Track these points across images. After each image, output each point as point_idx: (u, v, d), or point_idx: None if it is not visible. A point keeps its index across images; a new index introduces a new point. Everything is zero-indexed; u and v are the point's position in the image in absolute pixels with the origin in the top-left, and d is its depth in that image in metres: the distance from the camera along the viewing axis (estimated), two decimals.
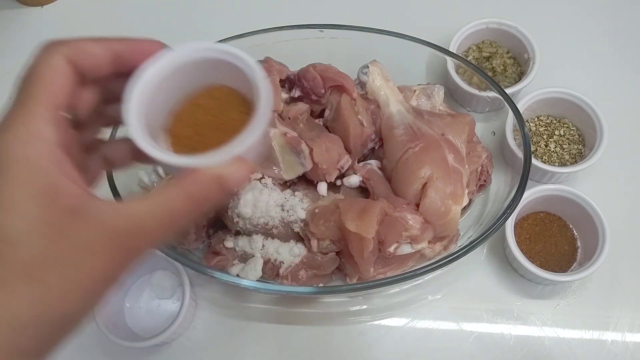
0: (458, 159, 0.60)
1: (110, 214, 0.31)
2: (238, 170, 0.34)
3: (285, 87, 0.67)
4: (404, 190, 0.60)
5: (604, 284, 0.65)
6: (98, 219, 0.30)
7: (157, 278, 0.66)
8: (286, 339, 0.65)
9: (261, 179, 0.61)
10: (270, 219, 0.60)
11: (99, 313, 0.60)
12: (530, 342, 0.63)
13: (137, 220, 0.31)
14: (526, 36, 0.74)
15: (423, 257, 0.61)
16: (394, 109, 0.63)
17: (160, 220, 0.32)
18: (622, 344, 0.63)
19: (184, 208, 0.33)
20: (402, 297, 0.66)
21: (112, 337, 0.59)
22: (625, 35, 0.83)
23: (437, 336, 0.64)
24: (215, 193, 0.33)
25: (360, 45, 0.68)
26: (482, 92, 0.69)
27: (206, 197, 0.33)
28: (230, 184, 0.33)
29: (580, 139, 0.72)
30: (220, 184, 0.33)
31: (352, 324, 0.65)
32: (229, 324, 0.65)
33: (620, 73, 0.79)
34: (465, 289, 0.66)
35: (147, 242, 0.32)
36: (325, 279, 0.62)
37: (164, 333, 0.59)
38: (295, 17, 0.75)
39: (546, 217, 0.68)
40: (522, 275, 0.65)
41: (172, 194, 0.33)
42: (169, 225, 0.33)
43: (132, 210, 0.31)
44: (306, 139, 0.62)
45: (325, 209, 0.59)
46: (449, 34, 0.76)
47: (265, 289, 0.61)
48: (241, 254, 0.61)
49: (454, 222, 0.59)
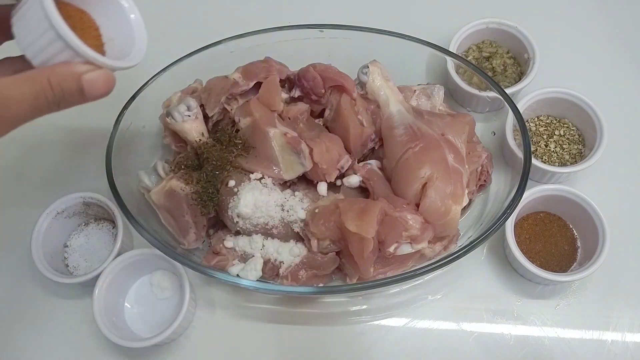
0: (458, 159, 0.60)
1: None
2: (99, 77, 0.40)
3: (285, 87, 0.67)
4: (404, 190, 0.60)
5: (604, 284, 0.65)
6: None
7: (157, 278, 0.66)
8: (286, 339, 0.65)
9: (261, 179, 0.61)
10: (270, 219, 0.60)
11: (99, 313, 0.60)
12: (530, 342, 0.63)
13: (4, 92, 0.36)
14: (526, 36, 0.74)
15: (423, 257, 0.61)
16: (394, 109, 0.63)
17: (21, 94, 0.37)
18: (622, 344, 0.63)
19: (41, 89, 0.38)
20: (402, 297, 0.66)
21: (112, 337, 0.59)
22: (625, 35, 0.83)
23: (437, 336, 0.64)
24: (71, 86, 0.39)
25: (360, 45, 0.68)
26: (482, 92, 0.69)
27: (62, 87, 0.38)
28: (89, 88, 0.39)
29: (580, 139, 0.72)
30: (77, 82, 0.39)
31: (352, 324, 0.65)
32: (229, 324, 0.65)
33: (620, 73, 0.80)
34: (465, 289, 0.66)
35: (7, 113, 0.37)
36: (325, 279, 0.62)
37: (164, 333, 0.59)
38: (295, 17, 0.75)
39: (546, 217, 0.68)
40: (522, 275, 0.65)
41: (33, 74, 0.38)
42: (27, 104, 0.37)
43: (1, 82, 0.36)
44: (306, 139, 0.62)
45: (325, 209, 0.59)
46: (449, 34, 0.76)
47: (265, 289, 0.61)
48: (241, 254, 0.61)
49: (454, 222, 0.59)
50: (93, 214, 0.70)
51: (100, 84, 0.40)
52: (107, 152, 0.61)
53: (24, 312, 0.67)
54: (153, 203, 0.62)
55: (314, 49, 0.68)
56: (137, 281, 0.67)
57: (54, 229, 0.66)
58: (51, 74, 0.38)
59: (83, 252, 0.69)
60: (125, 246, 0.66)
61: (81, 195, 0.66)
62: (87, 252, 0.69)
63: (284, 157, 0.61)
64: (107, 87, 0.41)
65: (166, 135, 0.67)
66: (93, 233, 0.70)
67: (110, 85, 0.41)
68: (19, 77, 0.37)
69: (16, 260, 0.69)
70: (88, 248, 0.69)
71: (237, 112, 0.64)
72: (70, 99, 0.40)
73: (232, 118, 0.65)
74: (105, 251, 0.68)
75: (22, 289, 0.68)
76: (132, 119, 0.65)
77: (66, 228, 0.69)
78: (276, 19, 0.75)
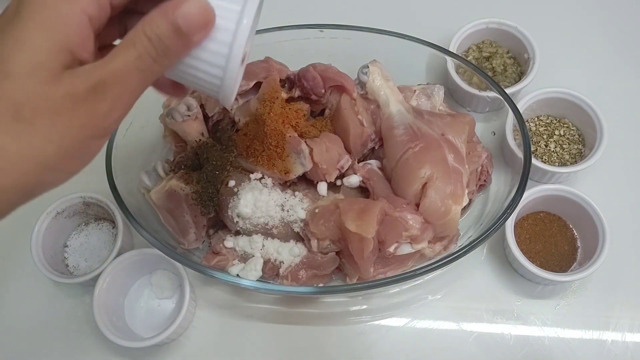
0: (458, 159, 0.60)
1: (91, 67, 0.33)
2: (190, 7, 0.34)
3: (285, 87, 0.67)
4: (404, 190, 0.60)
5: (604, 284, 0.65)
6: (83, 71, 0.32)
7: (157, 278, 0.66)
8: (286, 338, 0.65)
9: (261, 179, 0.61)
10: (270, 219, 0.60)
11: (99, 313, 0.60)
12: (530, 342, 0.63)
13: (109, 66, 0.33)
14: (526, 36, 0.74)
15: (423, 257, 0.61)
16: (394, 109, 0.63)
17: (126, 63, 0.33)
18: (622, 344, 0.63)
19: (143, 49, 0.34)
20: (402, 297, 0.66)
21: (112, 337, 0.59)
22: (625, 35, 0.83)
23: (437, 336, 0.64)
24: (166, 30, 0.34)
25: (360, 45, 0.68)
26: (482, 92, 0.69)
27: (159, 35, 0.34)
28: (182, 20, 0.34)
29: (580, 139, 0.72)
30: (168, 19, 0.34)
31: (352, 324, 0.65)
32: (229, 324, 0.65)
33: (620, 73, 0.80)
34: (465, 289, 0.66)
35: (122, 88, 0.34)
36: (325, 279, 0.62)
37: (164, 333, 0.59)
38: (295, 17, 0.75)
39: (546, 217, 0.68)
40: (522, 275, 0.65)
41: (130, 35, 0.34)
42: (135, 69, 0.34)
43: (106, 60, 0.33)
44: (306, 139, 0.62)
45: (325, 209, 0.59)
46: (449, 34, 0.76)
47: (265, 289, 0.61)
48: (241, 254, 0.61)
49: (454, 222, 0.59)
50: (93, 214, 0.70)
51: (194, 13, 0.34)
52: (107, 152, 0.61)
53: (24, 312, 0.67)
54: (153, 203, 0.62)
55: (314, 49, 0.68)
56: (137, 281, 0.67)
57: (53, 229, 0.66)
58: (144, 25, 0.34)
59: (83, 252, 0.69)
60: (125, 246, 0.66)
61: (81, 195, 0.66)
62: (87, 252, 0.69)
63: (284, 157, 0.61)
64: (204, 15, 0.34)
65: (166, 135, 0.67)
66: (93, 233, 0.70)
67: (206, 13, 0.34)
68: (117, 49, 0.34)
69: (16, 260, 0.69)
70: (88, 248, 0.69)
71: (237, 112, 0.64)
72: (172, 44, 0.34)
73: (232, 118, 0.65)
74: (105, 251, 0.68)
75: (22, 289, 0.68)
76: (132, 119, 0.65)
77: (66, 228, 0.69)
78: (276, 19, 0.75)
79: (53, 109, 0.31)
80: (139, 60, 0.33)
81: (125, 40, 0.34)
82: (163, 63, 0.35)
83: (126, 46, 0.34)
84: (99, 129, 0.34)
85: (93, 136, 0.34)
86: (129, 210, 0.58)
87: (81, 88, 0.32)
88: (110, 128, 0.34)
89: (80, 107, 0.32)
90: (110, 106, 0.33)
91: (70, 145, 0.32)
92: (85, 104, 0.32)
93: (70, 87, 0.32)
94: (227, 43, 0.36)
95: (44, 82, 0.31)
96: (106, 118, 0.34)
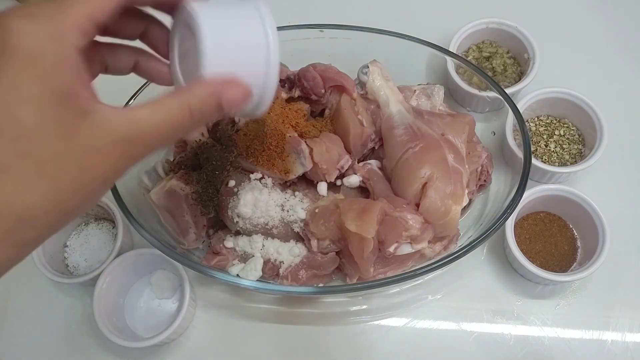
0: (458, 159, 0.60)
1: (116, 119, 0.33)
2: (234, 89, 0.36)
3: (285, 87, 0.67)
4: (404, 190, 0.60)
5: (604, 284, 0.65)
6: (106, 123, 0.32)
7: (157, 278, 0.66)
8: (286, 339, 0.65)
9: (261, 179, 0.61)
10: (270, 219, 0.60)
11: (99, 313, 0.60)
12: (530, 342, 0.63)
13: (139, 126, 0.33)
14: (526, 36, 0.74)
15: (423, 257, 0.61)
16: (394, 109, 0.63)
17: (158, 127, 0.34)
18: (622, 344, 0.63)
19: (181, 118, 0.35)
20: (402, 297, 0.66)
21: (112, 337, 0.59)
22: (625, 35, 0.83)
23: (437, 336, 0.64)
24: (211, 108, 0.36)
25: (360, 45, 0.68)
26: (482, 92, 0.69)
27: (202, 110, 0.35)
28: (226, 102, 0.36)
29: (580, 139, 0.72)
30: (217, 100, 0.36)
31: (352, 324, 0.65)
32: (229, 324, 0.65)
33: (620, 73, 0.79)
34: (465, 289, 0.66)
35: (145, 148, 0.34)
36: (325, 279, 0.62)
37: (164, 333, 0.59)
38: (295, 17, 0.75)
39: (546, 217, 0.68)
40: (522, 275, 0.65)
41: (172, 104, 0.35)
42: (166, 134, 0.35)
43: (135, 116, 0.33)
44: (306, 139, 0.62)
45: (325, 209, 0.59)
46: (449, 34, 0.76)
47: (265, 289, 0.61)
48: (241, 254, 0.61)
49: (454, 222, 0.59)
50: (93, 214, 0.70)
51: (238, 99, 0.37)
52: None
53: (24, 312, 0.67)
54: (153, 203, 0.62)
55: (314, 49, 0.68)
56: (137, 281, 0.67)
57: None
58: (191, 99, 0.35)
59: (83, 252, 0.69)
60: (125, 246, 0.66)
61: None
62: (87, 252, 0.69)
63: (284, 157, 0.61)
64: (245, 101, 0.38)
65: None
66: (93, 233, 0.70)
67: (247, 98, 0.38)
68: (154, 107, 0.34)
69: None
70: (88, 248, 0.69)
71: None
72: (206, 120, 0.37)
73: (232, 118, 0.65)
74: (105, 251, 0.68)
75: (22, 289, 0.68)
76: None
77: (66, 228, 0.69)
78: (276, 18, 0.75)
79: (75, 164, 0.31)
80: (171, 126, 0.35)
81: (163, 105, 0.34)
82: (187, 131, 0.38)
83: (159, 108, 0.34)
84: (118, 176, 0.35)
85: (112, 183, 0.35)
86: (129, 210, 0.58)
87: (104, 142, 0.32)
88: (125, 173, 0.35)
89: (100, 160, 0.32)
90: (131, 161, 0.34)
91: (92, 193, 0.33)
92: (107, 158, 0.33)
93: (91, 140, 0.32)
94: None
95: (60, 137, 0.31)
96: (126, 168, 0.35)
